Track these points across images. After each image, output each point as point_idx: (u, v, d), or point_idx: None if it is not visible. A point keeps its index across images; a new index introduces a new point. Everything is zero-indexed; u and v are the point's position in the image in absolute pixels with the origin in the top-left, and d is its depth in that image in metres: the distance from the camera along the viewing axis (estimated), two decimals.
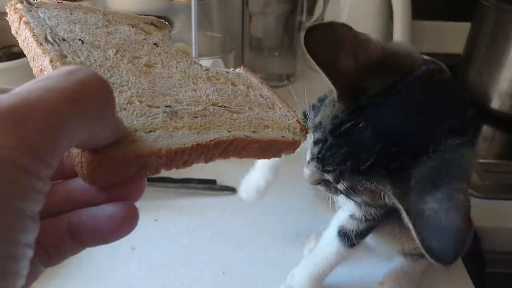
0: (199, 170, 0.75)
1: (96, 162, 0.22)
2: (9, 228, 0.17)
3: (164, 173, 0.26)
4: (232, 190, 0.75)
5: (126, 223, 0.23)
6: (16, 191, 0.17)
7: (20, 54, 0.79)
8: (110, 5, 0.87)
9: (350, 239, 0.56)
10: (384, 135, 0.40)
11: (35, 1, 0.32)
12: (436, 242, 0.36)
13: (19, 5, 0.31)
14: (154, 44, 0.36)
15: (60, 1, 0.34)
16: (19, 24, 0.30)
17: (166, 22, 0.39)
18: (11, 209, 0.17)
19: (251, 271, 0.62)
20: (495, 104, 1.01)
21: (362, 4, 1.08)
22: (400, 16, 1.02)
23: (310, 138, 0.45)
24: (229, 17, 1.00)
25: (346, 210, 0.56)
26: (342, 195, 0.45)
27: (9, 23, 0.31)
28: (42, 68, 0.27)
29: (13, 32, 0.30)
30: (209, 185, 0.75)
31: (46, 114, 0.18)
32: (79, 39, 0.31)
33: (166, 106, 0.29)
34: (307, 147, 0.46)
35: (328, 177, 0.44)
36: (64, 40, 0.30)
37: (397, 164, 0.40)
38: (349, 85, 0.41)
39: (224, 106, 0.33)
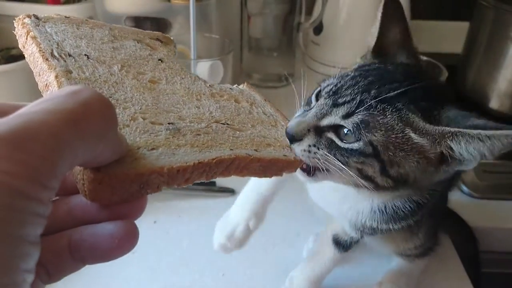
0: None
1: (98, 180, 0.23)
2: (9, 256, 0.17)
3: None
4: (231, 191, 0.75)
5: (126, 242, 0.23)
6: (16, 218, 0.17)
7: (19, 57, 0.79)
8: (108, 7, 0.87)
9: (345, 247, 0.57)
10: (412, 79, 0.40)
11: (42, 16, 0.32)
12: None
13: (26, 20, 0.31)
14: (159, 59, 0.36)
15: (67, 16, 0.34)
16: (26, 38, 0.30)
17: (171, 38, 0.39)
18: (11, 237, 0.17)
19: (251, 273, 0.62)
20: (494, 104, 1.02)
21: (361, 4, 1.08)
22: None
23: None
24: (227, 18, 1.00)
25: (341, 221, 0.55)
26: (327, 153, 0.38)
27: (17, 37, 0.31)
28: (47, 83, 0.27)
29: (20, 46, 0.31)
30: (208, 187, 0.75)
31: (47, 137, 0.18)
32: (85, 54, 0.31)
33: (169, 123, 0.29)
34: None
35: (340, 111, 0.38)
36: (70, 55, 0.30)
37: (428, 103, 0.39)
38: (385, 46, 0.46)
39: (227, 124, 0.33)
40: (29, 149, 0.17)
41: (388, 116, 0.37)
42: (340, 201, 0.50)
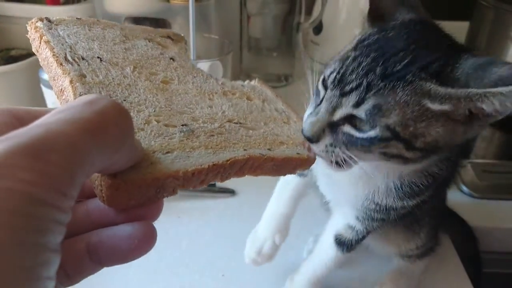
0: None
1: (115, 186, 0.23)
2: (31, 264, 0.17)
3: None
4: (231, 192, 0.75)
5: (145, 242, 0.24)
6: (37, 226, 0.17)
7: (18, 58, 0.79)
8: (108, 7, 0.87)
9: (348, 247, 0.56)
10: (417, 39, 0.38)
11: (55, 19, 0.32)
12: None
13: (39, 24, 0.31)
14: (171, 58, 0.36)
15: (78, 17, 0.34)
16: (40, 43, 0.30)
17: (182, 35, 0.39)
18: (33, 246, 0.17)
19: (251, 273, 0.62)
20: None
21: (360, 4, 1.08)
22: None
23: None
24: (227, 19, 1.00)
25: (344, 218, 0.55)
26: (345, 149, 0.38)
27: (30, 41, 0.31)
28: (62, 88, 0.28)
29: (33, 50, 0.31)
30: (209, 187, 0.75)
31: (66, 147, 0.18)
32: (98, 57, 0.31)
33: (182, 125, 0.30)
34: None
35: (349, 100, 0.37)
36: (83, 58, 0.30)
37: (440, 63, 0.36)
38: (382, 6, 0.43)
39: (240, 123, 0.33)
40: (48, 159, 0.18)
41: (399, 93, 0.35)
42: (353, 183, 0.48)
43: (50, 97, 0.68)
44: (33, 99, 0.74)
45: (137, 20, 0.91)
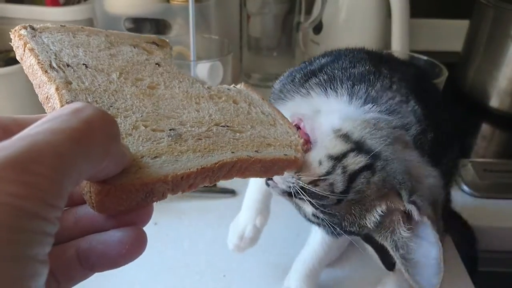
0: None
1: (105, 192, 0.23)
2: (19, 277, 0.17)
3: None
4: (232, 192, 0.75)
5: (135, 247, 0.24)
6: (25, 239, 0.17)
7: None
8: (108, 8, 0.87)
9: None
10: None
11: (38, 26, 0.32)
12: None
13: (23, 31, 0.31)
14: (156, 64, 0.36)
15: (62, 24, 0.34)
16: (24, 50, 0.30)
17: (167, 40, 0.39)
18: (21, 258, 0.17)
19: (252, 274, 0.62)
20: (494, 102, 1.02)
21: (360, 3, 1.08)
22: (398, 14, 1.02)
23: None
24: (227, 19, 0.99)
25: None
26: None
27: (14, 49, 0.31)
28: (48, 96, 0.28)
29: (18, 58, 0.31)
30: (209, 188, 0.75)
31: (53, 158, 0.18)
32: (83, 64, 0.31)
33: (170, 130, 0.30)
34: None
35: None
36: (68, 65, 0.30)
37: None
38: None
39: (227, 126, 0.33)
40: (35, 171, 0.18)
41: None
42: None
43: None
44: (33, 101, 0.74)
45: (137, 21, 0.91)
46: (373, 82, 0.48)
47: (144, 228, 0.25)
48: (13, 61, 0.77)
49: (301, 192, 0.41)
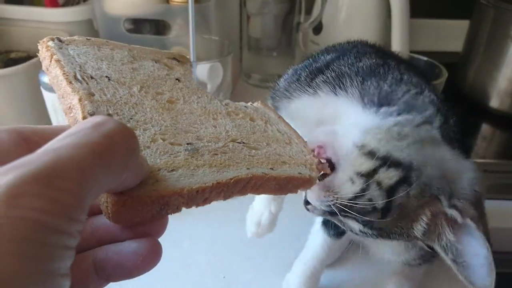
0: None
1: (121, 203, 0.23)
2: None
3: None
4: None
5: (151, 258, 0.24)
6: (48, 253, 0.17)
7: (18, 60, 0.79)
8: (108, 9, 0.87)
9: (333, 226, 0.56)
10: None
11: (65, 39, 0.33)
12: None
13: (50, 43, 0.32)
14: (177, 79, 0.36)
15: (88, 38, 0.35)
16: (50, 61, 0.30)
17: (188, 57, 0.40)
18: (44, 273, 0.17)
19: (252, 275, 0.62)
20: (494, 103, 1.01)
21: (360, 3, 1.08)
22: (398, 14, 1.02)
23: None
24: (226, 19, 0.99)
25: None
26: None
27: (40, 60, 0.31)
28: (71, 106, 0.28)
29: (44, 68, 0.31)
30: None
31: (76, 173, 0.18)
32: (106, 76, 0.32)
33: (187, 144, 0.30)
34: None
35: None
36: (92, 77, 0.31)
37: None
38: None
39: (243, 142, 0.34)
40: (59, 186, 0.18)
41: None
42: None
43: (50, 100, 0.68)
44: (33, 102, 0.74)
45: (137, 22, 0.91)
46: (383, 76, 0.47)
47: None
48: (12, 62, 0.77)
49: (345, 209, 0.40)
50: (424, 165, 0.39)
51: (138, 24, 0.92)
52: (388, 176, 0.39)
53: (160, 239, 0.25)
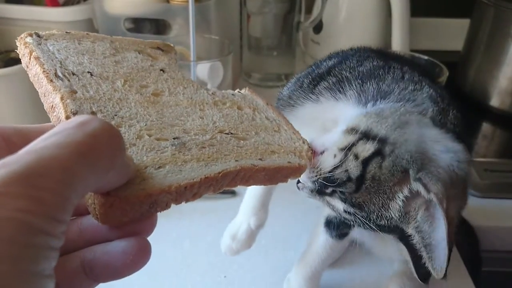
0: None
1: (108, 204, 0.23)
2: None
3: None
4: (232, 193, 0.75)
5: (140, 257, 0.24)
6: (31, 254, 0.17)
7: (18, 60, 0.79)
8: (108, 8, 0.87)
9: (336, 227, 0.55)
10: None
11: (44, 33, 0.32)
12: None
13: (28, 39, 0.31)
14: (161, 70, 0.36)
15: (68, 31, 0.34)
16: (29, 59, 0.30)
17: (172, 45, 0.39)
18: (28, 274, 0.17)
19: (252, 275, 0.62)
20: (494, 102, 1.01)
21: (361, 2, 1.07)
22: (399, 13, 1.02)
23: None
24: (227, 19, 0.99)
25: None
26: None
27: (19, 56, 0.31)
28: (53, 105, 0.28)
29: (23, 65, 0.31)
30: None
31: (60, 172, 0.18)
32: (88, 72, 0.31)
33: (174, 138, 0.29)
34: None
35: None
36: (73, 74, 0.30)
37: None
38: None
39: (231, 133, 0.33)
40: (42, 185, 0.17)
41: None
42: None
43: None
44: (33, 102, 0.74)
45: (137, 21, 0.91)
46: (383, 76, 0.47)
47: None
48: (13, 61, 0.77)
49: (325, 183, 0.41)
50: (400, 140, 0.40)
51: (138, 24, 0.92)
52: (365, 148, 0.40)
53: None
